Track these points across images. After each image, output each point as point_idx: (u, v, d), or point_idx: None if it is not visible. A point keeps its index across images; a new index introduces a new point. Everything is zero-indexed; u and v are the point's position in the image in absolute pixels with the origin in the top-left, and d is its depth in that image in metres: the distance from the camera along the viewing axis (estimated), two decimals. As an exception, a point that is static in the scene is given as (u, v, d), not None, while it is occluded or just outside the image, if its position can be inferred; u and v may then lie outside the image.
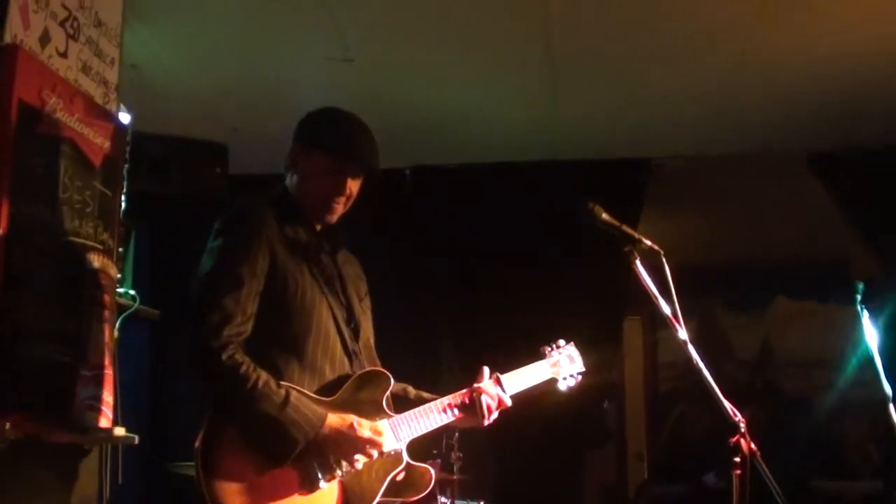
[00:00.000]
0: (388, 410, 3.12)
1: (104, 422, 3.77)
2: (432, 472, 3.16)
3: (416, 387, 3.37)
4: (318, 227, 3.24)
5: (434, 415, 3.21)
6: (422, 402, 3.25)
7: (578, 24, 5.05)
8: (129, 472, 4.30)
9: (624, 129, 6.53)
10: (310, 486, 2.89)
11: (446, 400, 3.25)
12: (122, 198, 4.22)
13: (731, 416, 2.86)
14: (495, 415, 3.29)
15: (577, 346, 3.65)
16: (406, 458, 3.10)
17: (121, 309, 4.27)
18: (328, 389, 3.03)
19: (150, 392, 6.65)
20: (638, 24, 5.04)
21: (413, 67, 5.58)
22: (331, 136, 3.17)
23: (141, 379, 6.42)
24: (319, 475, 2.89)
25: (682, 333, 2.99)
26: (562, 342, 3.61)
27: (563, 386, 3.57)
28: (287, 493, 2.85)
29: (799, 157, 6.82)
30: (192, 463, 2.81)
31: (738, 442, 2.81)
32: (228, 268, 2.93)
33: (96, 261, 3.78)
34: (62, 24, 3.71)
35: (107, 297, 3.87)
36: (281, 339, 3.01)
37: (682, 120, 6.33)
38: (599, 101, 6.09)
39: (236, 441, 2.83)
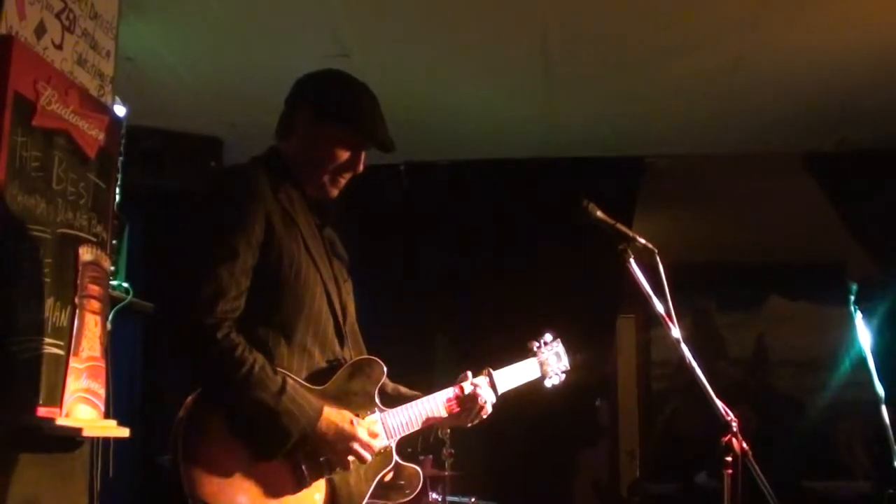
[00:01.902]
0: (379, 404, 2.92)
1: (96, 414, 3.77)
2: (421, 473, 2.98)
3: (409, 383, 3.20)
4: (312, 197, 2.99)
5: (425, 411, 3.02)
6: (406, 398, 3.07)
7: (574, 23, 5.04)
8: (120, 465, 4.29)
9: (619, 127, 6.53)
10: (296, 483, 2.66)
11: (438, 395, 3.08)
12: (117, 190, 4.21)
13: (723, 416, 2.86)
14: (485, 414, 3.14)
15: (563, 342, 3.51)
16: (395, 457, 2.92)
17: (114, 301, 4.27)
18: (318, 376, 2.81)
19: (142, 385, 6.64)
20: (634, 23, 5.04)
21: (407, 64, 5.58)
22: (355, 110, 2.95)
23: (133, 372, 6.41)
24: (306, 473, 2.67)
25: (676, 332, 2.99)
26: (548, 337, 3.47)
27: (548, 384, 3.45)
28: (271, 489, 2.62)
29: (794, 157, 6.83)
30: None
31: (730, 441, 2.81)
32: (222, 237, 2.66)
33: (89, 253, 3.78)
34: (58, 15, 3.70)
35: (100, 290, 3.87)
36: (270, 318, 2.75)
37: (677, 119, 6.33)
38: (594, 100, 6.09)
39: (222, 429, 2.58)
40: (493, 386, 3.19)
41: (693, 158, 6.96)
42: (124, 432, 3.99)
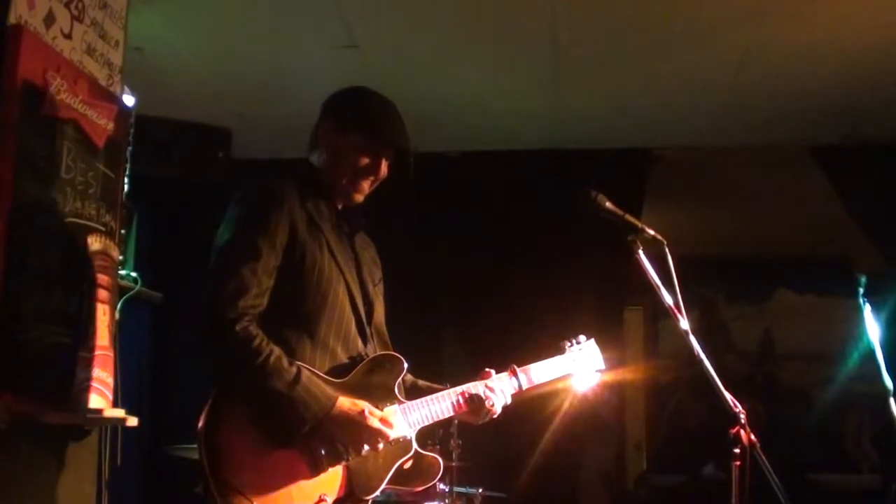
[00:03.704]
0: (399, 396, 3.06)
1: (104, 403, 3.77)
2: (441, 462, 3.09)
3: (419, 377, 3.30)
4: (340, 207, 3.20)
5: (446, 403, 3.15)
6: (428, 392, 3.18)
7: (584, 15, 5.03)
8: (129, 454, 4.31)
9: (627, 118, 6.52)
10: (314, 469, 2.81)
11: (459, 389, 3.19)
12: (125, 180, 4.22)
13: (731, 408, 2.86)
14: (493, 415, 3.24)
15: (570, 332, 3.54)
16: (415, 446, 3.04)
17: (122, 291, 4.27)
18: (340, 371, 2.97)
19: (150, 374, 6.65)
20: (643, 15, 5.02)
21: (417, 55, 5.57)
22: (369, 117, 3.17)
23: (141, 361, 6.43)
24: (323, 458, 2.82)
25: (684, 324, 2.99)
26: (582, 338, 3.52)
27: (580, 384, 3.50)
28: (290, 475, 2.78)
29: (802, 150, 6.82)
30: (193, 445, 2.76)
31: (738, 433, 2.81)
32: (247, 238, 2.88)
33: (98, 242, 3.78)
34: (67, 5, 3.70)
35: (108, 279, 3.86)
36: (294, 316, 2.94)
37: (685, 111, 6.32)
38: (603, 91, 6.08)
39: (242, 418, 2.76)
40: (517, 383, 3.30)
41: (701, 150, 6.95)
42: (133, 421, 4.00)
